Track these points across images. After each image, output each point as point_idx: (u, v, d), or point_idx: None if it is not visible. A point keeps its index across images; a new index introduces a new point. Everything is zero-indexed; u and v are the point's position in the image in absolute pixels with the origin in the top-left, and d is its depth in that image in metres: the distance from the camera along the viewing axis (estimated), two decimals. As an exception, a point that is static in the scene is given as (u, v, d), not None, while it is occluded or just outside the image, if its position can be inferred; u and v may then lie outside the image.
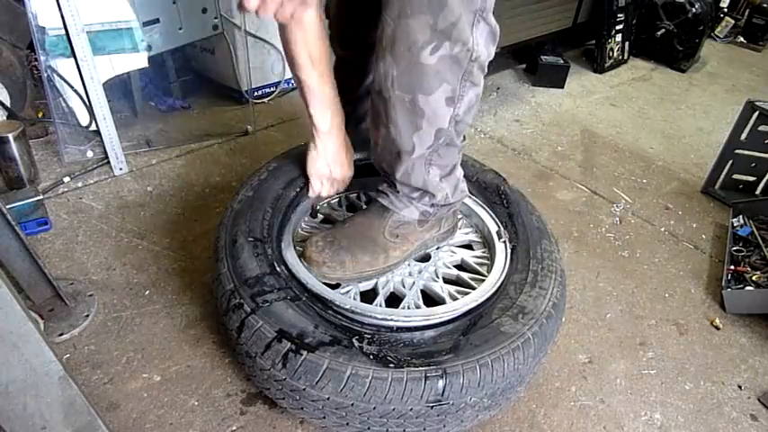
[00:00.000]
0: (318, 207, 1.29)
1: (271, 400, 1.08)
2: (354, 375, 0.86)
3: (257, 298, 0.95)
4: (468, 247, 1.27)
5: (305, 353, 0.88)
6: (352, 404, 0.87)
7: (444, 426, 0.94)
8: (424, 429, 0.94)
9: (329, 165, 1.17)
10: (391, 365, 0.88)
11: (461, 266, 1.21)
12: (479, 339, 0.94)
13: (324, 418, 0.93)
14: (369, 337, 0.94)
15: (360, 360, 0.88)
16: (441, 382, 0.87)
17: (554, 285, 1.08)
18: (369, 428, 0.93)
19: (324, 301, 1.02)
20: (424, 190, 1.06)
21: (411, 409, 0.88)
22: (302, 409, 0.94)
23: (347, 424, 0.93)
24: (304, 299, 1.00)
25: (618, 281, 1.51)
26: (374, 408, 0.88)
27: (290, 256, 1.10)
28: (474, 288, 1.11)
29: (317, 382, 0.87)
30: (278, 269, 1.02)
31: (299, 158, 1.23)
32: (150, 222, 1.49)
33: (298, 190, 1.22)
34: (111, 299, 1.25)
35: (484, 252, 1.24)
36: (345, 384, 0.86)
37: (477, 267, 1.18)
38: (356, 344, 0.91)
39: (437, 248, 1.22)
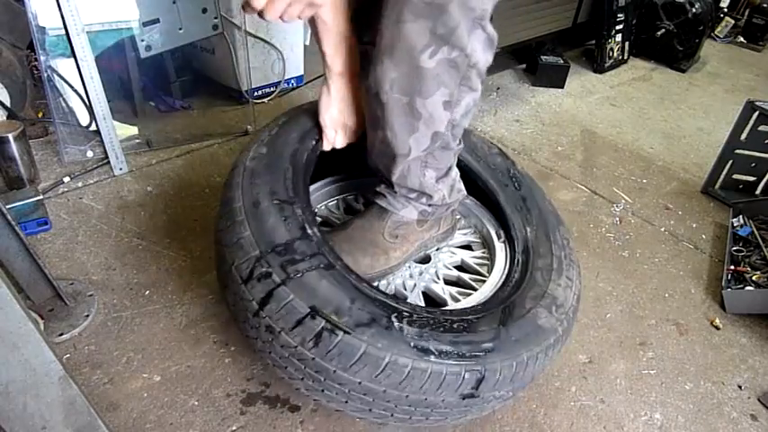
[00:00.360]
0: (317, 209, 1.29)
1: (271, 400, 1.08)
2: (393, 363, 0.81)
3: (288, 267, 0.85)
4: (468, 247, 1.27)
5: (341, 333, 0.81)
6: (384, 390, 0.83)
7: (466, 415, 0.93)
8: (446, 418, 0.92)
9: (343, 111, 1.12)
10: (432, 356, 0.83)
11: (461, 267, 1.21)
12: (518, 333, 0.91)
13: (346, 402, 0.88)
14: (408, 315, 0.87)
15: (400, 347, 0.82)
16: (478, 378, 0.85)
17: (576, 276, 1.06)
18: (392, 415, 0.89)
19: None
20: (421, 191, 1.06)
21: (443, 401, 0.86)
22: (323, 391, 0.88)
23: (370, 410, 0.88)
24: (338, 266, 0.90)
25: (618, 281, 1.52)
26: (406, 396, 0.84)
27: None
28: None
29: (350, 366, 0.81)
30: (309, 232, 0.92)
31: (310, 111, 1.15)
32: (150, 222, 1.49)
33: (313, 142, 1.13)
34: (111, 299, 1.25)
35: (484, 252, 1.24)
36: (382, 371, 0.81)
37: (477, 268, 1.18)
38: (396, 324, 0.84)
39: (437, 249, 1.22)
